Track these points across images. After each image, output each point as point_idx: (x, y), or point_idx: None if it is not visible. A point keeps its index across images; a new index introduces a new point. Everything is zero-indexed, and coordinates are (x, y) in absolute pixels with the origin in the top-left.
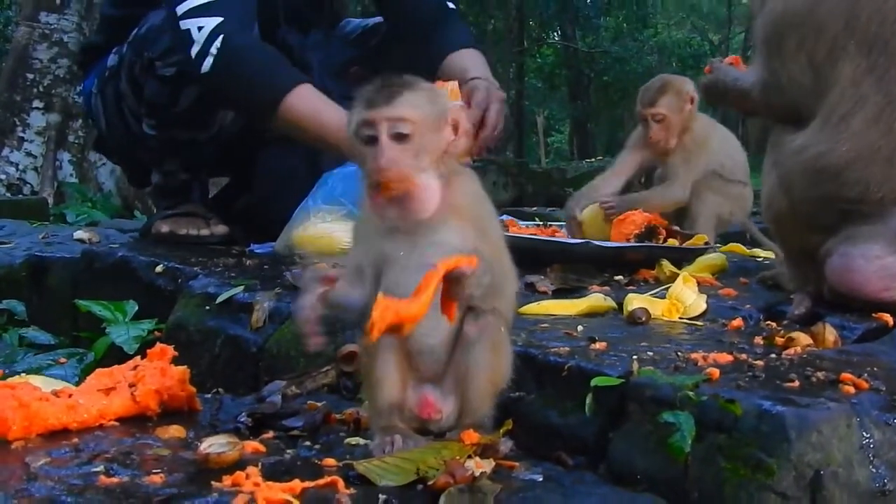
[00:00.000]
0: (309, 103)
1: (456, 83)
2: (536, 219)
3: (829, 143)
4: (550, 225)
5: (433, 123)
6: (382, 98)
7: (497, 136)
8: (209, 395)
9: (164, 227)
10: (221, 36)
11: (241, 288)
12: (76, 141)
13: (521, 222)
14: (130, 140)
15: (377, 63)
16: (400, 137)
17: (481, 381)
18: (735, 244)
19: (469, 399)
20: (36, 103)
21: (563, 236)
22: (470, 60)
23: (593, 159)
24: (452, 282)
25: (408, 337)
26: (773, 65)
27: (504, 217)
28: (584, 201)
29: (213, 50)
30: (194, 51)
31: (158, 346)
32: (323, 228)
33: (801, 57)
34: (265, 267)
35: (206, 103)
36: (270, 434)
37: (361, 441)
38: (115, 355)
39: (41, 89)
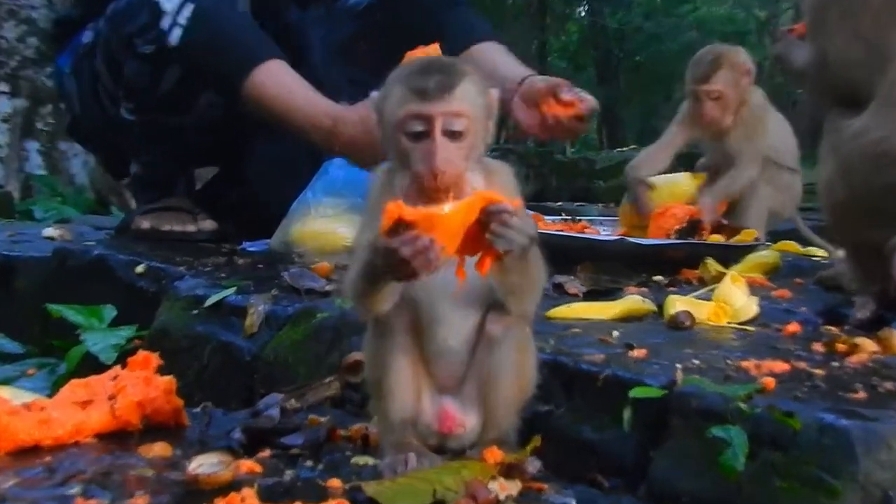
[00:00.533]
0: (279, 81)
1: (437, 47)
2: (563, 213)
3: (891, 126)
4: (580, 220)
5: (483, 116)
6: (437, 88)
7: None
8: (198, 409)
9: (146, 223)
10: (192, 6)
11: (233, 290)
12: (45, 129)
13: (548, 217)
14: (107, 125)
15: (386, 39)
16: (454, 135)
17: (507, 385)
18: (787, 241)
19: (494, 408)
20: (1, 87)
21: (593, 233)
22: (500, 57)
23: (624, 148)
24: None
25: (424, 341)
26: (820, 40)
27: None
28: (646, 169)
29: (182, 20)
30: (165, 23)
31: (141, 353)
32: (324, 223)
33: (847, 28)
34: (259, 266)
35: (189, 84)
36: (267, 452)
37: (370, 460)
38: (91, 366)
39: (8, 71)
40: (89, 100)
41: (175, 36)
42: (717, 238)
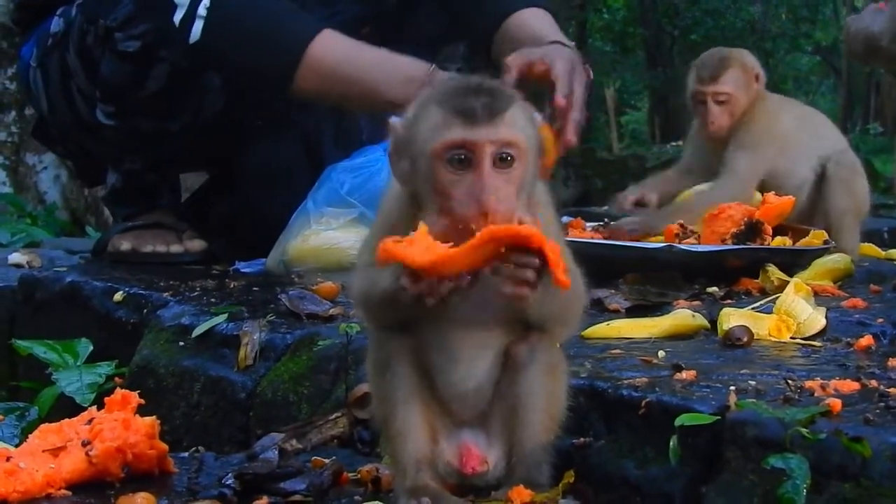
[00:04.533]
0: (340, 50)
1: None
2: (606, 220)
3: None
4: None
5: (535, 147)
6: (485, 112)
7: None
8: (186, 455)
9: (125, 244)
10: None
11: (224, 317)
12: (9, 139)
13: (589, 224)
14: (80, 128)
15: (396, 23)
16: (503, 165)
17: (537, 413)
18: (867, 244)
19: (521, 441)
20: None
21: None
22: (539, 22)
23: (679, 142)
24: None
25: (437, 370)
26: None
27: (566, 218)
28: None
29: (202, 11)
30: (178, 17)
31: (119, 391)
32: (328, 237)
33: None
34: (254, 289)
35: (180, 84)
36: (264, 500)
37: None
38: (66, 409)
39: None
40: (59, 98)
41: (196, 30)
42: (782, 241)
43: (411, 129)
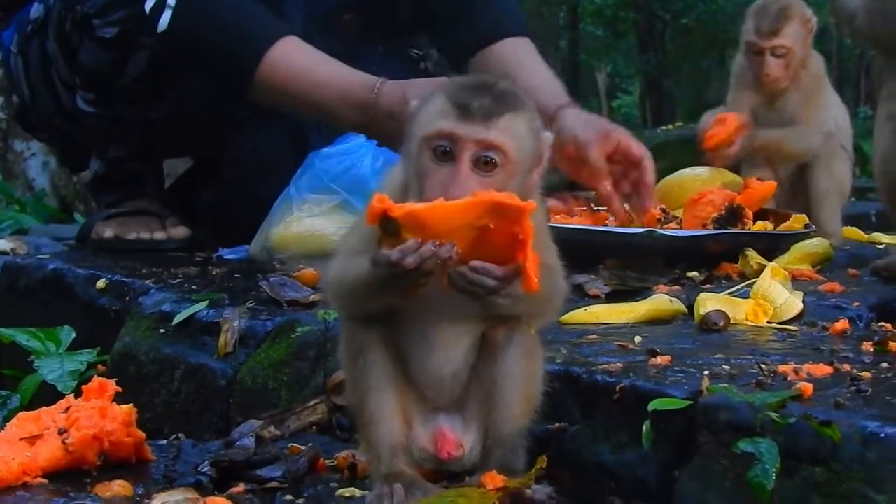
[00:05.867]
0: (298, 58)
1: None
2: (592, 204)
3: None
4: (599, 209)
5: (528, 159)
6: (479, 110)
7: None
8: (165, 442)
9: (108, 231)
10: None
11: (205, 304)
12: None
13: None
14: (62, 115)
15: (379, 9)
16: (486, 167)
17: (514, 395)
18: (850, 228)
19: (498, 424)
20: None
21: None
22: (528, 65)
23: (671, 126)
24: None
25: (412, 356)
26: None
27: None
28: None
29: (172, 1)
30: (149, 4)
31: (96, 379)
32: (311, 224)
33: None
34: (236, 276)
35: (160, 72)
36: (241, 487)
37: (357, 492)
38: (48, 397)
39: None
40: (40, 85)
41: (164, 19)
42: (763, 226)
43: (417, 112)
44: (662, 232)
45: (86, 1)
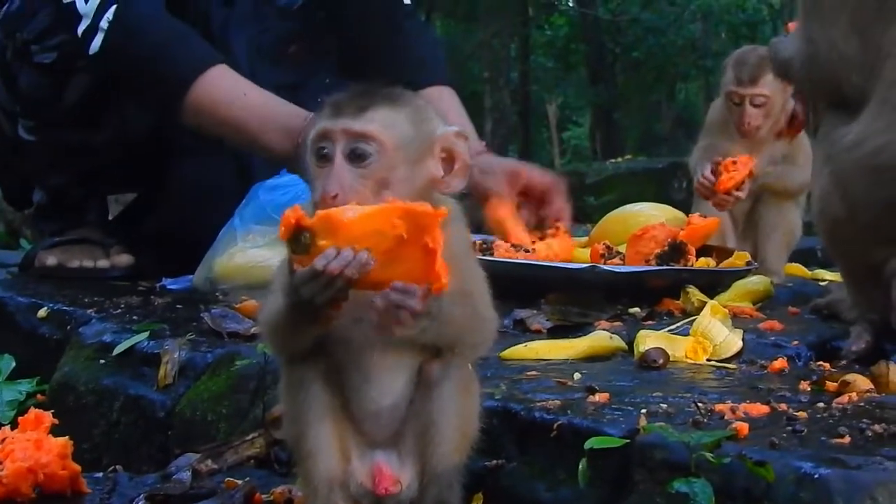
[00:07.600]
0: (226, 89)
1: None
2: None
3: (889, 134)
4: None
5: (411, 150)
6: (348, 107)
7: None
8: (101, 475)
9: (51, 259)
10: (114, 6)
11: (146, 335)
12: None
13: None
14: (3, 146)
15: (324, 42)
16: (360, 159)
17: (449, 431)
18: (793, 264)
19: (434, 458)
20: None
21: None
22: (452, 111)
23: (620, 159)
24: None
25: (349, 390)
26: (812, 29)
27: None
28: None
29: (104, 24)
30: (82, 27)
31: (32, 411)
32: (254, 255)
33: (843, 18)
34: (178, 307)
35: (99, 97)
36: None
37: None
38: None
39: None
40: None
41: (96, 42)
42: (706, 262)
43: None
44: (605, 268)
45: (25, 27)
